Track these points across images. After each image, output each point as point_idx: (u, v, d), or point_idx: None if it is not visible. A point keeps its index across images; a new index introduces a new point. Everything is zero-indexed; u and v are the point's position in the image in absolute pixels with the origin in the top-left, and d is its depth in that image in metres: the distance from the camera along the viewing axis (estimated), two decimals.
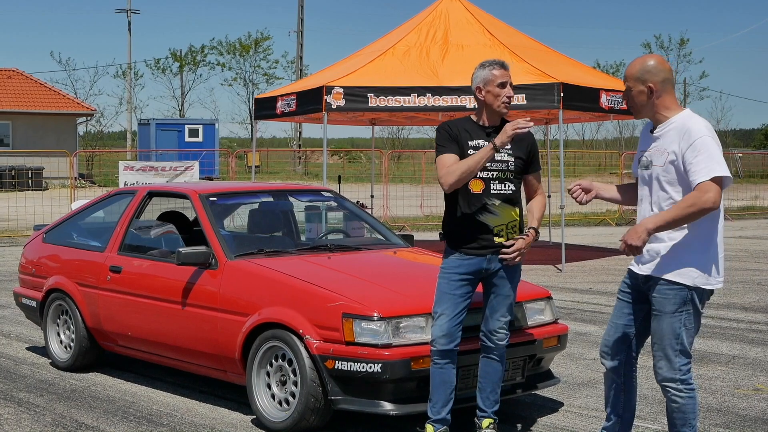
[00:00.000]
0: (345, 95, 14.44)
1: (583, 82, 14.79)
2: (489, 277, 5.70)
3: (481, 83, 5.68)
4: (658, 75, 4.98)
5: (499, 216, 5.64)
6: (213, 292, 6.61)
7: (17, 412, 6.69)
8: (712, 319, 10.15)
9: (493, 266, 5.67)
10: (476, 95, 5.72)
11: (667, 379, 4.95)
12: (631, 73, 5.03)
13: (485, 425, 5.79)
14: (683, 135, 4.88)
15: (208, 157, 37.14)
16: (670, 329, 4.92)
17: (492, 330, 5.73)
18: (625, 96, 5.12)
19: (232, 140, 66.67)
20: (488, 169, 5.60)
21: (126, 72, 61.35)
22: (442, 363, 5.61)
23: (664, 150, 4.95)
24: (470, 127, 5.70)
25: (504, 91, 5.64)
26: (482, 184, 5.61)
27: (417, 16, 16.64)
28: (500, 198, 5.65)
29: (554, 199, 17.58)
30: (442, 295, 5.64)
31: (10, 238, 19.64)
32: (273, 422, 6.13)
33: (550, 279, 13.52)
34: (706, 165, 4.78)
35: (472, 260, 5.63)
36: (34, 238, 8.72)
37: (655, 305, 4.96)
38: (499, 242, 5.64)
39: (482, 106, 5.73)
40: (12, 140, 42.02)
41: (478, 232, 5.61)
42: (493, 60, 5.75)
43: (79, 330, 7.81)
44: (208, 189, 7.54)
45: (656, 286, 4.95)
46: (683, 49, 66.66)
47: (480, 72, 5.70)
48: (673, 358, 4.92)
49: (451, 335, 5.59)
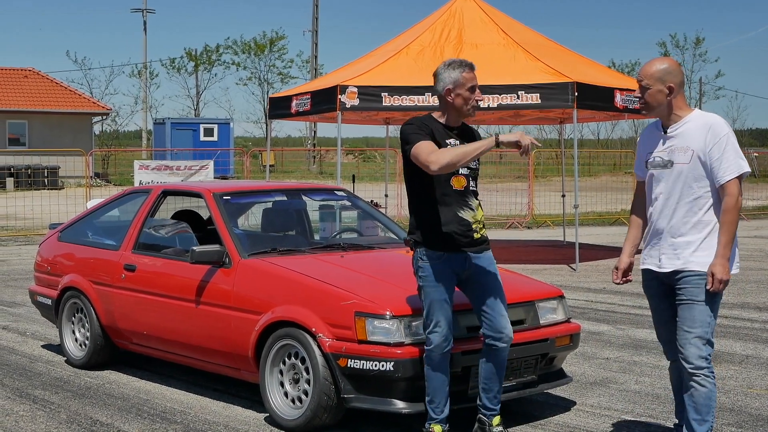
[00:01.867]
0: (359, 94, 14.46)
1: (597, 82, 14.76)
2: (471, 275, 5.68)
3: (450, 85, 5.60)
4: (677, 77, 5.20)
5: (475, 212, 5.67)
6: (226, 291, 6.64)
7: (32, 409, 6.73)
8: (726, 318, 10.12)
9: (474, 263, 5.67)
10: (443, 96, 5.64)
11: (699, 366, 5.10)
12: (650, 73, 5.19)
13: (495, 423, 5.79)
14: (707, 132, 5.10)
15: (222, 156, 37.20)
16: (702, 318, 5.10)
17: (499, 329, 5.69)
18: (641, 93, 5.22)
19: (247, 140, 66.81)
20: (467, 167, 5.60)
21: (141, 71, 61.64)
22: (442, 365, 5.62)
23: (687, 147, 5.14)
24: (438, 127, 5.66)
25: (474, 96, 5.61)
26: (464, 181, 5.62)
27: (431, 15, 16.65)
28: (474, 195, 5.69)
29: (569, 199, 17.57)
30: (433, 303, 5.60)
31: (26, 237, 19.75)
32: (286, 420, 6.16)
33: (563, 278, 13.50)
34: (733, 162, 5.08)
35: (453, 261, 5.61)
36: (49, 237, 8.77)
37: (686, 294, 5.13)
38: (477, 238, 5.64)
39: (449, 107, 5.66)
40: (28, 139, 42.24)
41: (458, 229, 5.60)
42: (462, 61, 5.66)
43: (94, 328, 7.85)
44: (221, 188, 7.58)
45: (685, 278, 5.12)
46: (698, 49, 66.62)
47: (450, 73, 5.61)
48: (701, 346, 5.10)
49: (449, 338, 5.61)
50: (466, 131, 5.77)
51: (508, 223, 23.23)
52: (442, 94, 5.65)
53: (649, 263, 5.31)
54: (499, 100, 14.10)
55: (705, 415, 5.12)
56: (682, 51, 66.92)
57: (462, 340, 5.84)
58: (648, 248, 5.33)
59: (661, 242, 5.22)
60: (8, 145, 41.41)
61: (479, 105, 5.68)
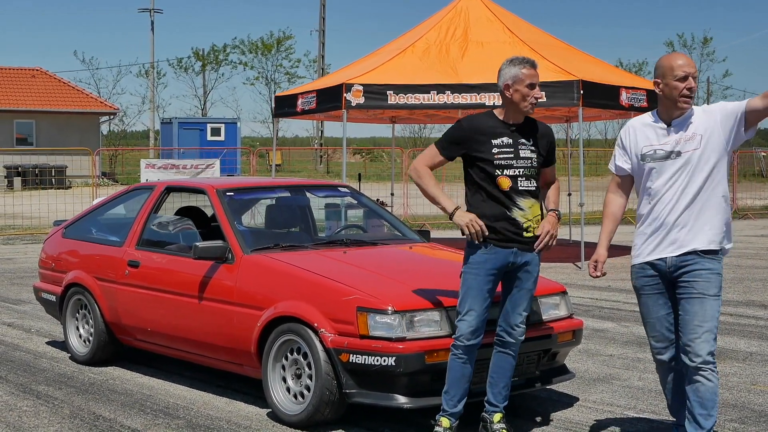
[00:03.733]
0: (364, 93, 14.46)
1: (603, 80, 14.75)
2: (513, 271, 5.69)
3: (510, 81, 5.64)
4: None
5: (526, 211, 5.63)
6: (229, 286, 6.65)
7: (35, 405, 6.75)
8: (731, 316, 10.11)
9: (519, 260, 5.66)
10: (503, 92, 5.68)
11: (707, 361, 5.12)
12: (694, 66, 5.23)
13: (497, 420, 5.79)
14: (706, 113, 5.22)
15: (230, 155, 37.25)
16: (711, 312, 5.13)
17: (513, 324, 5.72)
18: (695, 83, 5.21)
19: (255, 139, 66.80)
20: (515, 167, 5.60)
21: (149, 71, 61.72)
22: (466, 358, 5.62)
23: (694, 134, 5.20)
24: (494, 124, 5.68)
25: (533, 92, 5.63)
26: (509, 182, 5.60)
27: (437, 14, 16.64)
28: (527, 194, 5.65)
29: (575, 197, 17.56)
30: (469, 290, 5.62)
31: (32, 236, 19.79)
32: (288, 415, 6.16)
33: (569, 276, 13.50)
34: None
35: (500, 254, 5.61)
36: (53, 234, 8.79)
37: (697, 288, 5.14)
38: (527, 237, 5.64)
39: (508, 103, 5.69)
40: (36, 139, 42.32)
41: (507, 227, 5.60)
42: (523, 58, 5.71)
43: (98, 324, 7.87)
44: (225, 184, 7.59)
45: (694, 271, 5.14)
46: (706, 48, 66.36)
47: (510, 69, 5.66)
48: (711, 341, 5.12)
49: (478, 331, 5.60)
50: (528, 127, 5.75)
51: None
52: (501, 90, 5.69)
53: (654, 254, 5.26)
54: None
55: (710, 410, 5.12)
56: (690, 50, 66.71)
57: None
58: (649, 242, 5.29)
59: (671, 233, 5.20)
60: (16, 145, 41.50)
61: (537, 101, 5.69)
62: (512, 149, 5.61)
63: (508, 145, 5.61)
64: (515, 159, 5.60)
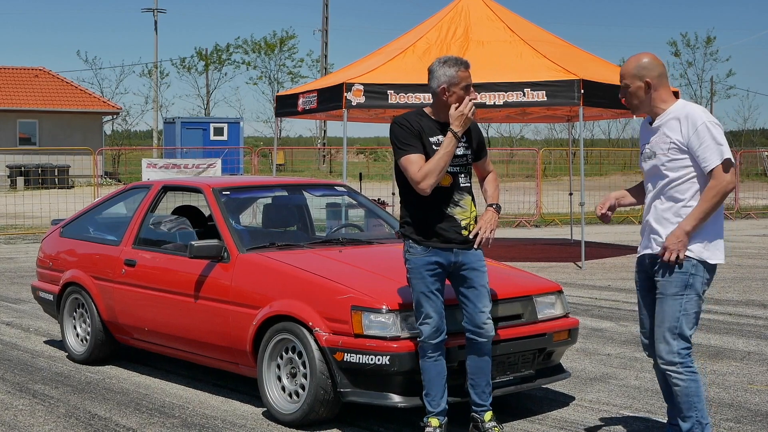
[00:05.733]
0: (365, 92, 14.47)
1: (605, 79, 14.71)
2: (457, 270, 5.66)
3: (446, 84, 5.56)
4: (653, 70, 5.18)
5: (466, 209, 5.64)
6: (225, 285, 6.65)
7: (31, 404, 6.75)
8: (729, 315, 10.10)
9: (461, 259, 5.64)
10: (438, 94, 5.60)
11: (667, 362, 5.08)
12: (627, 71, 5.21)
13: (488, 418, 5.77)
14: (684, 121, 5.06)
15: (233, 155, 37.25)
16: (669, 312, 5.06)
17: (479, 324, 5.66)
18: (623, 94, 5.27)
19: (258, 139, 66.83)
20: (453, 164, 5.58)
21: (152, 71, 61.75)
22: (435, 355, 5.61)
23: (666, 138, 5.12)
24: (427, 123, 5.63)
25: (469, 96, 5.56)
26: (450, 179, 5.59)
27: (438, 13, 16.63)
28: (465, 191, 5.66)
29: (576, 197, 17.54)
30: (420, 296, 5.59)
31: (34, 235, 19.80)
32: (283, 414, 6.16)
33: (569, 276, 13.48)
34: (715, 149, 4.97)
35: (440, 255, 5.60)
36: (51, 233, 8.79)
37: (659, 288, 5.12)
38: (466, 234, 5.63)
39: (442, 105, 5.62)
40: (39, 138, 42.39)
41: (446, 226, 5.59)
42: (457, 58, 5.62)
43: (95, 323, 7.86)
44: (221, 183, 7.58)
45: (659, 269, 5.08)
46: (710, 48, 66.31)
47: (445, 70, 5.56)
48: (671, 341, 5.06)
49: (440, 329, 5.61)
50: None
51: (516, 221, 23.20)
52: (437, 92, 5.62)
53: (640, 250, 5.30)
54: (505, 97, 14.09)
55: (687, 411, 5.08)
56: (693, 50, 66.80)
57: (458, 335, 5.82)
58: (642, 238, 5.32)
59: (647, 230, 5.21)
60: (19, 144, 41.55)
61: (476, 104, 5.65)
62: None
63: None
64: (453, 156, 5.55)
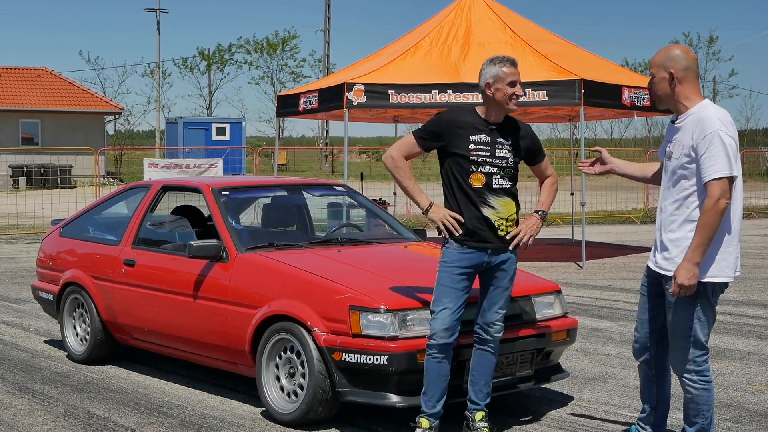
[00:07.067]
0: (366, 92, 14.48)
1: (606, 79, 14.72)
2: (489, 270, 5.70)
3: (490, 80, 5.64)
4: (680, 62, 5.01)
5: (499, 210, 5.65)
6: (224, 285, 6.66)
7: (31, 403, 6.76)
8: (730, 315, 10.10)
9: (494, 260, 5.67)
10: (484, 91, 5.69)
11: (681, 369, 5.06)
12: (654, 60, 5.10)
13: (478, 418, 5.78)
14: (696, 126, 4.90)
15: (235, 154, 37.26)
16: (682, 321, 5.01)
17: (489, 322, 5.72)
18: (649, 85, 5.15)
19: (261, 139, 66.83)
20: (491, 164, 5.61)
21: (154, 71, 61.69)
22: (440, 357, 5.61)
23: (681, 143, 4.99)
24: (474, 120, 5.69)
25: (514, 90, 5.63)
26: (483, 179, 5.61)
27: (439, 14, 16.61)
28: (502, 192, 5.66)
29: (577, 197, 17.53)
30: (443, 289, 5.63)
31: (35, 235, 19.81)
32: (281, 414, 6.16)
33: (570, 275, 13.48)
34: (715, 163, 4.82)
35: (474, 254, 5.62)
36: (51, 232, 8.80)
37: (669, 298, 5.04)
38: (500, 236, 5.65)
39: (489, 102, 5.70)
40: (41, 138, 42.41)
41: (480, 226, 5.61)
42: (503, 57, 5.73)
43: (95, 323, 7.87)
44: (220, 183, 7.59)
45: (671, 281, 4.98)
46: (712, 47, 66.31)
47: (490, 68, 5.67)
48: (685, 350, 5.01)
49: (452, 329, 5.60)
50: (508, 127, 5.75)
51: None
52: (482, 89, 5.69)
53: (650, 258, 5.23)
54: None
55: (694, 417, 5.10)
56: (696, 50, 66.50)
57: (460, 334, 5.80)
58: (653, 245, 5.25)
59: (656, 238, 5.16)
60: (21, 144, 41.58)
61: (518, 100, 5.67)
62: (489, 147, 5.61)
63: (486, 143, 5.61)
64: (491, 157, 5.60)
